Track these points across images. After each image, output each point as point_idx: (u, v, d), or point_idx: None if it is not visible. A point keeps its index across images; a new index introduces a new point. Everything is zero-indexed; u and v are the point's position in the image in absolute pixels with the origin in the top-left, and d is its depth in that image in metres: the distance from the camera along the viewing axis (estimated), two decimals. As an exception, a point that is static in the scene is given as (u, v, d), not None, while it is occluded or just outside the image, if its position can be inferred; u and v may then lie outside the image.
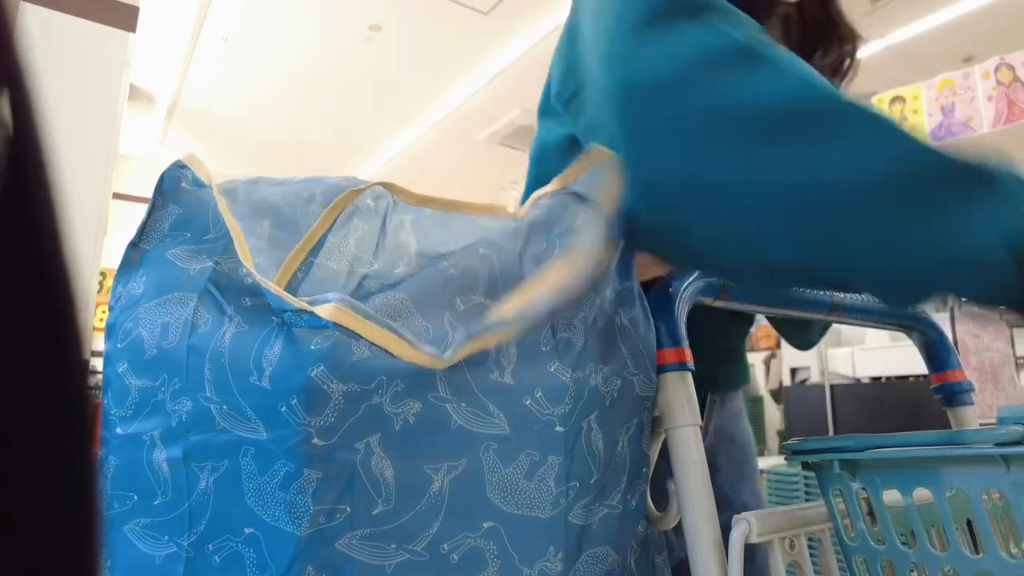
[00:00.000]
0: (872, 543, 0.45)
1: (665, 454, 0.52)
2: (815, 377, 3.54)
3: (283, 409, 0.42)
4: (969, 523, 0.45)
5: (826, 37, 0.68)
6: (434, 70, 4.55)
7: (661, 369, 0.52)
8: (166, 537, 0.45)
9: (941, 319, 2.97)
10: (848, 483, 0.45)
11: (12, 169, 0.16)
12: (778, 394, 4.56)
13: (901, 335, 0.73)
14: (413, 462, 0.44)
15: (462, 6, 3.79)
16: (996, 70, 3.72)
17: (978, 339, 2.98)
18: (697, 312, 0.55)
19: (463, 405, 0.45)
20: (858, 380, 3.30)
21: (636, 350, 0.53)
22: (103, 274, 5.17)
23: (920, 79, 4.03)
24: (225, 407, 0.44)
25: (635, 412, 0.52)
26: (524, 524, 0.46)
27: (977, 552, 0.39)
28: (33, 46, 0.17)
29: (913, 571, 0.43)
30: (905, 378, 3.06)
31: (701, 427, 0.51)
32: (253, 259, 0.48)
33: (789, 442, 0.50)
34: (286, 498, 0.42)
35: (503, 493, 0.46)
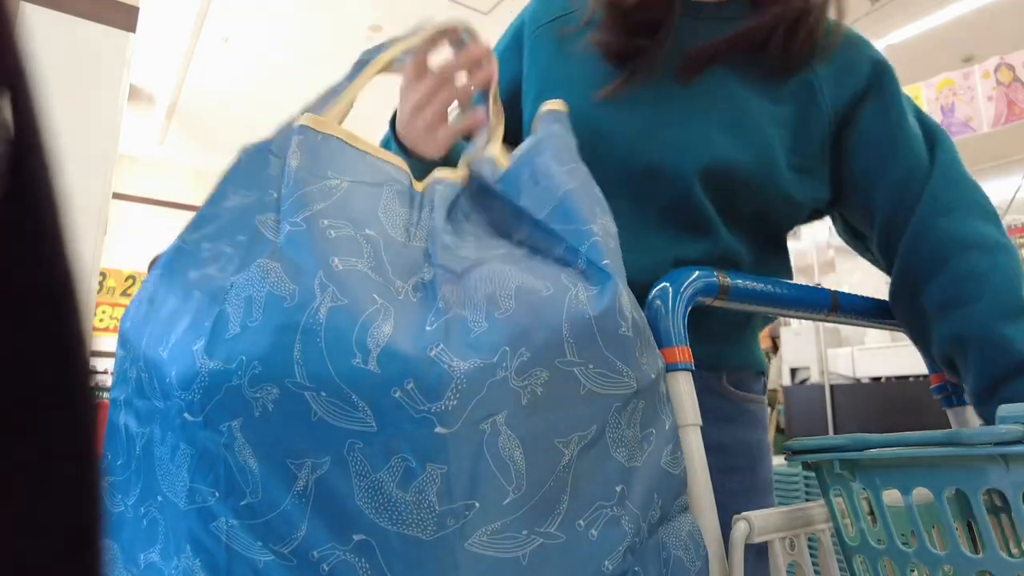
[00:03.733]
0: (872, 543, 0.44)
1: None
2: (815, 377, 3.54)
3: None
4: (969, 523, 0.45)
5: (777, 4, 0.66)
6: (434, 70, 4.54)
7: None
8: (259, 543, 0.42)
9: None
10: (848, 483, 0.45)
11: (14, 170, 0.16)
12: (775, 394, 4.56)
13: (901, 335, 0.74)
14: (274, 454, 0.41)
15: (462, 6, 3.79)
16: (996, 70, 3.73)
17: (978, 339, 2.98)
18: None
19: (323, 394, 0.40)
20: (858, 380, 3.30)
21: (587, 329, 0.45)
22: (103, 274, 5.17)
23: (920, 79, 4.03)
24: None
25: (593, 415, 0.44)
26: (400, 544, 0.39)
27: (977, 552, 0.39)
28: (33, 47, 0.17)
29: (913, 571, 0.43)
30: (905, 378, 3.06)
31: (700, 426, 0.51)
32: None
33: (789, 442, 0.50)
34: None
35: (373, 502, 0.39)
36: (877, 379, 3.22)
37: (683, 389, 0.50)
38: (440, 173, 0.59)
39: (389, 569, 0.39)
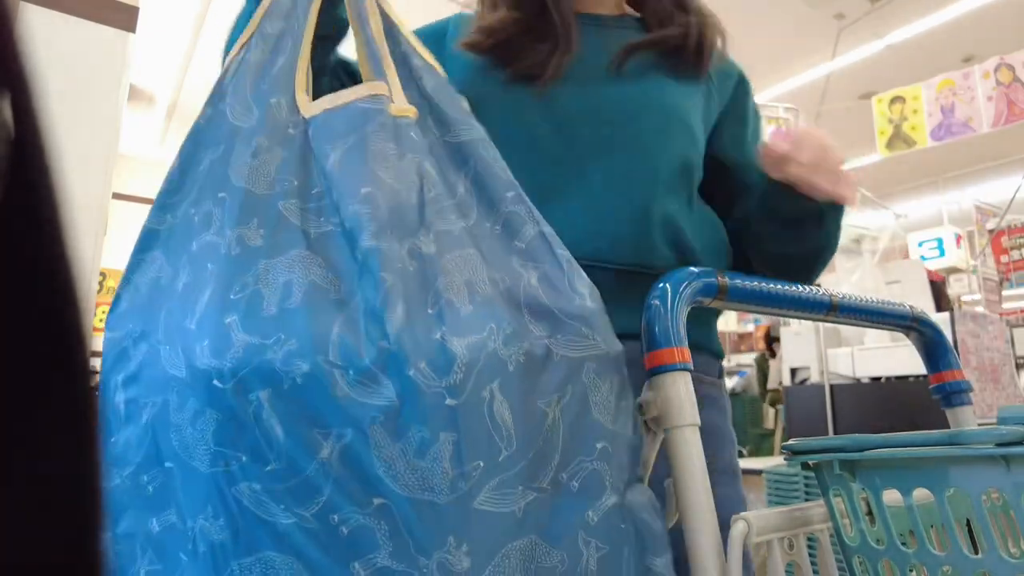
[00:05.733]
0: (872, 543, 0.44)
1: (663, 453, 0.52)
2: (815, 377, 3.54)
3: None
4: (969, 523, 0.45)
5: (670, 19, 0.81)
6: (434, 70, 4.54)
7: (659, 369, 0.52)
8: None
9: (941, 320, 2.97)
10: (848, 483, 0.45)
11: (15, 171, 0.16)
12: (777, 394, 4.56)
13: (901, 336, 0.73)
14: (299, 424, 0.44)
15: (461, 6, 3.80)
16: (996, 70, 3.73)
17: (978, 339, 2.98)
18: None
19: (351, 372, 0.44)
20: (858, 380, 3.30)
21: (544, 309, 0.51)
22: (103, 274, 5.17)
23: (920, 79, 4.03)
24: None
25: (568, 379, 0.49)
26: (418, 508, 0.43)
27: (977, 552, 0.39)
28: (33, 47, 0.17)
29: (912, 571, 0.43)
30: (905, 378, 3.06)
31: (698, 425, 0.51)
32: None
33: (789, 442, 0.50)
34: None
35: (392, 470, 0.43)
36: (877, 379, 3.22)
37: (682, 389, 0.51)
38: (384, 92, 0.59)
39: (407, 531, 0.42)
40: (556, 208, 0.67)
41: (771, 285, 0.61)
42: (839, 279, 3.72)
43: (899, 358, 3.10)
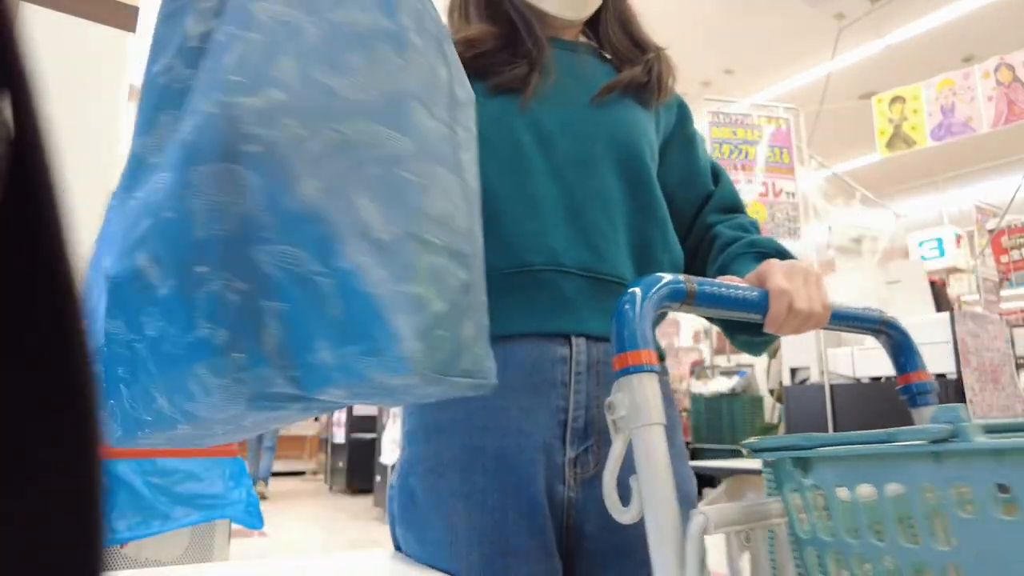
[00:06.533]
0: (823, 537, 0.46)
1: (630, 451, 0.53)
2: (815, 377, 3.54)
3: None
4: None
5: (630, 55, 0.90)
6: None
7: (627, 371, 0.53)
8: None
9: (941, 320, 2.97)
10: (801, 479, 0.47)
11: (15, 171, 0.16)
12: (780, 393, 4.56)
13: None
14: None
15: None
16: (996, 70, 3.73)
17: (978, 339, 2.98)
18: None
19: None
20: (858, 380, 3.30)
21: None
22: (103, 274, 5.17)
23: (920, 79, 4.03)
24: None
25: None
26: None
27: (916, 543, 0.41)
28: (33, 47, 0.17)
29: (866, 564, 0.44)
30: (905, 378, 3.06)
31: (664, 425, 0.52)
32: None
33: (748, 440, 0.52)
34: None
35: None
36: (877, 379, 3.22)
37: (648, 390, 0.52)
38: None
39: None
40: (542, 216, 0.75)
41: (738, 292, 0.63)
42: (839, 278, 3.72)
43: (899, 358, 3.11)
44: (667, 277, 0.56)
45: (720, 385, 5.25)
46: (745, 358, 6.44)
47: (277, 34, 0.45)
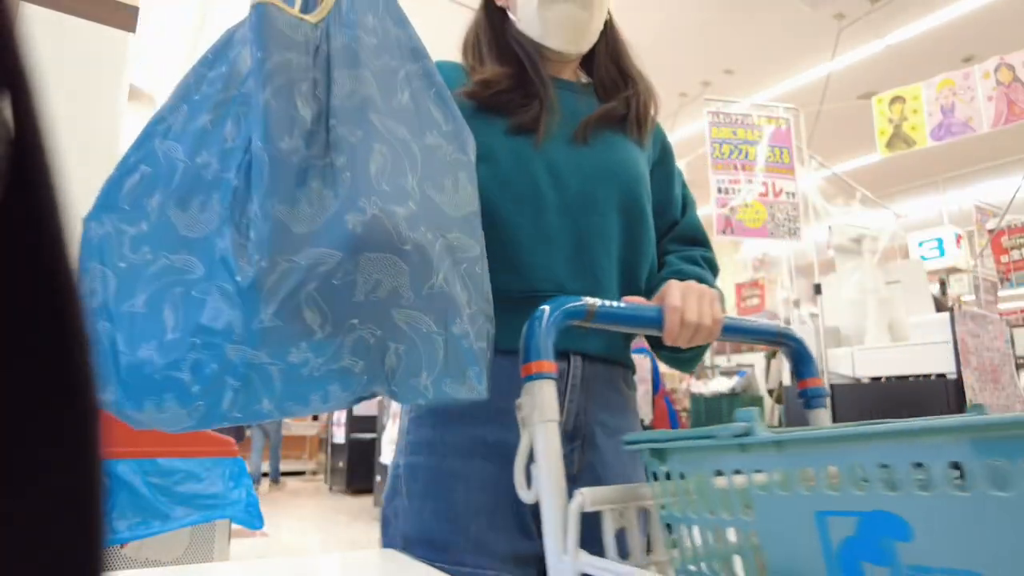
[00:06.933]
0: (677, 514, 0.57)
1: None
2: (815, 377, 3.54)
3: None
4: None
5: (614, 88, 0.97)
6: (434, 70, 4.54)
7: (531, 378, 0.64)
8: None
9: (941, 319, 2.97)
10: (659, 467, 0.58)
11: (15, 171, 0.16)
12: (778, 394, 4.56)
13: (900, 336, 0.74)
14: None
15: (460, 5, 3.80)
16: (996, 70, 3.72)
17: (978, 339, 2.98)
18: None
19: None
20: (858, 380, 3.30)
21: None
22: (103, 274, 5.17)
23: (920, 79, 4.03)
24: None
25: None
26: None
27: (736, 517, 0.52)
28: (33, 47, 0.17)
29: (708, 531, 0.54)
30: (905, 378, 3.06)
31: (561, 422, 0.64)
32: None
33: (627, 435, 0.62)
34: None
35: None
36: (877, 379, 3.22)
37: (546, 394, 0.64)
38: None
39: None
40: (551, 250, 0.84)
41: (636, 310, 0.73)
42: (839, 278, 3.72)
43: (899, 358, 3.11)
44: (572, 300, 0.67)
45: (720, 385, 5.25)
46: (745, 358, 6.45)
47: (396, 149, 0.65)
